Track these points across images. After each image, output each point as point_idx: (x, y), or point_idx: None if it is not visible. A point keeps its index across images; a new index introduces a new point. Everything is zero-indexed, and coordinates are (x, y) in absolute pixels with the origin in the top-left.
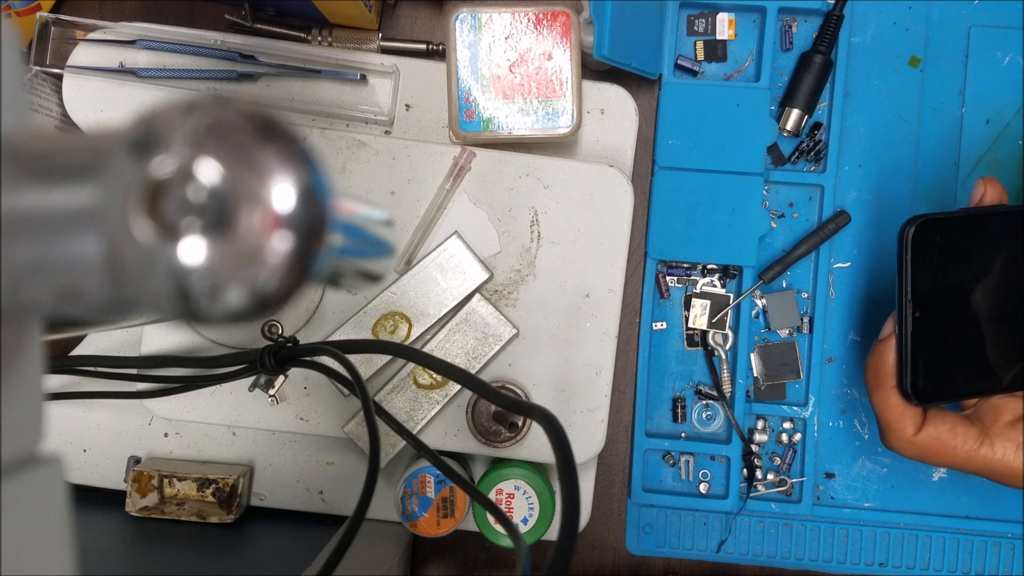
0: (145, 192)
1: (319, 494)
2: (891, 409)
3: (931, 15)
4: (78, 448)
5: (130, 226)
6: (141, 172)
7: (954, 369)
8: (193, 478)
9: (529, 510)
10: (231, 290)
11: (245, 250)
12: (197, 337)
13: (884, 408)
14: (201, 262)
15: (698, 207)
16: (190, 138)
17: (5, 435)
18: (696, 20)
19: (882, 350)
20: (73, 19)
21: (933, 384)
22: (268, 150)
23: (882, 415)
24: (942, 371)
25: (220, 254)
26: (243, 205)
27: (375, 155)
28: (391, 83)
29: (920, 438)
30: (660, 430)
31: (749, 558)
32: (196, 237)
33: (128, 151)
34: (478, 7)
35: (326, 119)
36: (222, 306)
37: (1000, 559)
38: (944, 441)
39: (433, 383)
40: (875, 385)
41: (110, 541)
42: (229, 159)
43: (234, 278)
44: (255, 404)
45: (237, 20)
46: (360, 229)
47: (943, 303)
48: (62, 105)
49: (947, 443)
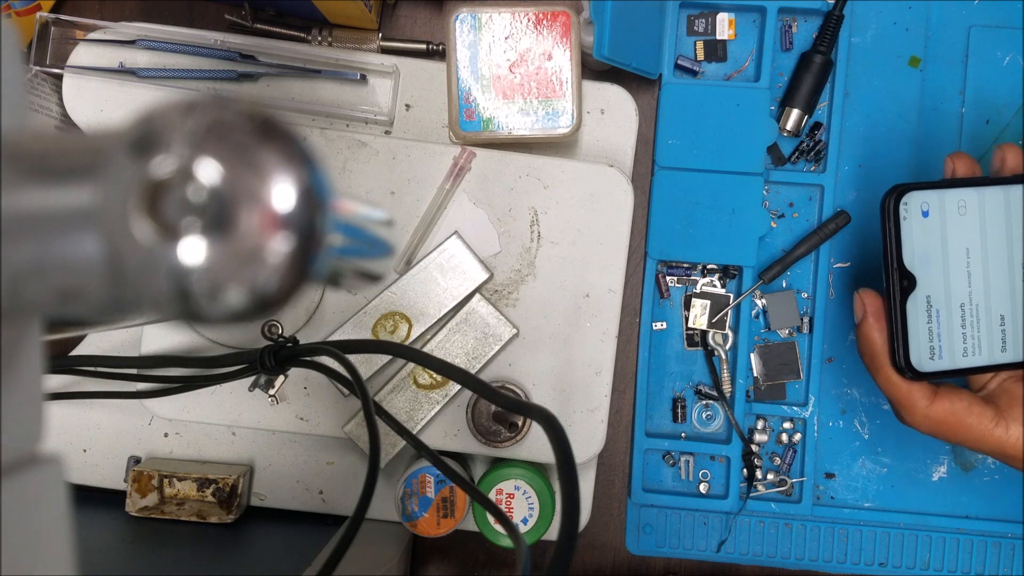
0: (145, 192)
1: (319, 494)
2: (896, 387)
3: (931, 15)
4: (78, 448)
5: (130, 226)
6: (141, 172)
7: (949, 341)
8: (193, 478)
9: (529, 510)
10: (231, 290)
11: (245, 250)
12: (197, 337)
13: (889, 387)
14: (201, 262)
15: (698, 207)
16: (190, 138)
17: (5, 435)
18: (696, 20)
19: (865, 332)
20: (73, 19)
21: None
22: (268, 150)
23: (890, 394)
24: (935, 344)
25: (220, 254)
26: (243, 205)
27: (375, 155)
28: (391, 83)
29: (935, 412)
30: (660, 430)
31: (749, 558)
32: (196, 237)
33: (128, 151)
34: (478, 7)
35: (326, 119)
36: (222, 306)
37: (1000, 559)
38: (960, 418)
39: (433, 383)
40: (874, 368)
41: (110, 541)
42: (229, 159)
43: (234, 278)
44: (255, 404)
45: (237, 20)
46: (360, 229)
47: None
48: (62, 105)
49: (963, 420)
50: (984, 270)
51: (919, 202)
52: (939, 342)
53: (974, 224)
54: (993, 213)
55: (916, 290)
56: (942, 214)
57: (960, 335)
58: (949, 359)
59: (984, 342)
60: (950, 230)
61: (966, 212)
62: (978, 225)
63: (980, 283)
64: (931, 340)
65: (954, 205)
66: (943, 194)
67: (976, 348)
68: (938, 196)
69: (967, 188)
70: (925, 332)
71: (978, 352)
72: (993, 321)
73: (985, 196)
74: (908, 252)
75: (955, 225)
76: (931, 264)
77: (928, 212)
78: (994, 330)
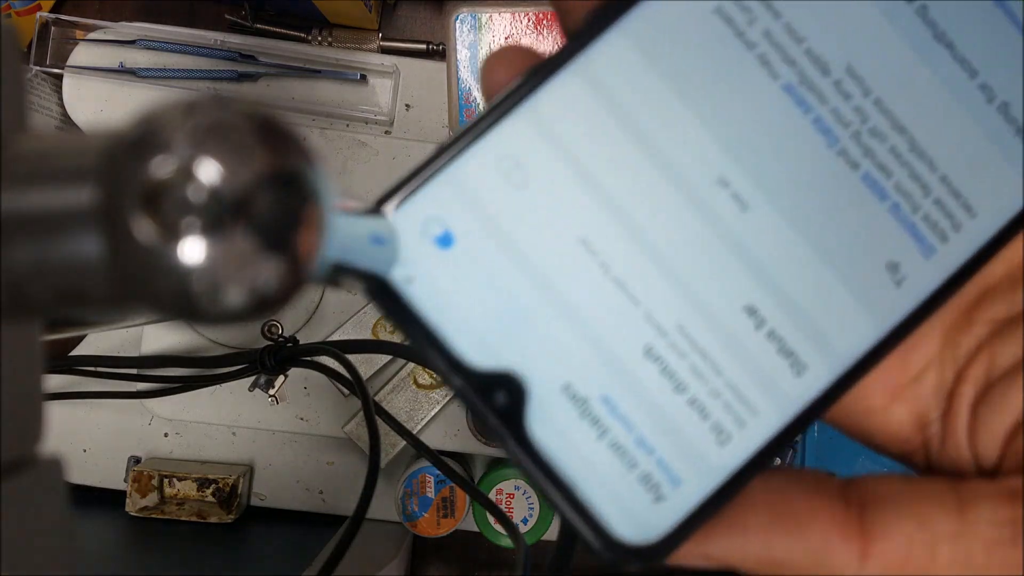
0: (145, 192)
1: (319, 494)
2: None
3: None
4: (78, 448)
5: (130, 226)
6: (141, 172)
7: (674, 442)
8: (193, 478)
9: (529, 510)
10: (231, 290)
11: (245, 250)
12: (197, 337)
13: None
14: (201, 262)
15: None
16: (190, 138)
17: (5, 435)
18: None
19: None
20: (73, 19)
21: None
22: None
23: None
24: (646, 468)
25: (220, 254)
26: (243, 205)
27: (375, 155)
28: (391, 83)
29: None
30: None
31: None
32: (196, 237)
33: (128, 151)
34: (478, 7)
35: (326, 119)
36: (222, 306)
37: None
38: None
39: (433, 383)
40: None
41: (110, 541)
42: (229, 159)
43: (234, 278)
44: (255, 404)
45: (237, 20)
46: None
47: None
48: (62, 105)
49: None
50: (642, 258)
51: (420, 220)
52: (649, 459)
53: (563, 183)
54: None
55: (529, 394)
56: (483, 215)
57: (686, 414)
58: (695, 480)
59: (738, 403)
60: (521, 231)
61: (526, 176)
62: (574, 177)
63: (651, 286)
64: (631, 467)
65: (497, 179)
66: (461, 175)
67: (736, 419)
68: (452, 187)
69: (507, 130)
70: (608, 462)
71: (742, 424)
72: (727, 340)
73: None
74: (460, 334)
75: (523, 214)
76: (522, 321)
77: (452, 236)
78: (748, 358)
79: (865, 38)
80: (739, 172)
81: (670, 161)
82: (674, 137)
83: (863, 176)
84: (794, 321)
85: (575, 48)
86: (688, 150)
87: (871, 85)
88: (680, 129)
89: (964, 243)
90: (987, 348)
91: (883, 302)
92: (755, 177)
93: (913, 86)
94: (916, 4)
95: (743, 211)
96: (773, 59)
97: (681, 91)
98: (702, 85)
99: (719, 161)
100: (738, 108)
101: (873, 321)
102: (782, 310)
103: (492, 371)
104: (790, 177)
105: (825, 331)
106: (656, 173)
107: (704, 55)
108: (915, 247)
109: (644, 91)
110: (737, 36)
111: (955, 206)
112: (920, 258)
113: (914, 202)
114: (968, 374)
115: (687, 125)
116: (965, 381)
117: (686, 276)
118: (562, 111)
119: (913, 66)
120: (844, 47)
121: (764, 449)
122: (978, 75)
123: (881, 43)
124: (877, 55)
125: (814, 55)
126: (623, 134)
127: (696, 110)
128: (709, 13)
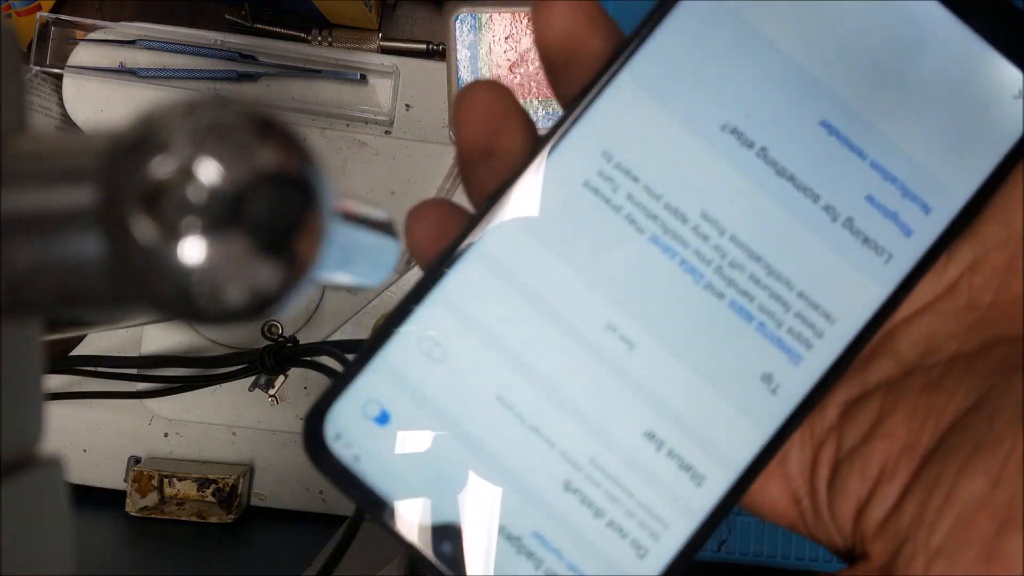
0: (145, 192)
1: (319, 494)
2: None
3: None
4: (78, 448)
5: (130, 226)
6: (141, 172)
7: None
8: (193, 478)
9: None
10: (231, 290)
11: (245, 250)
12: (197, 337)
13: None
14: (201, 262)
15: None
16: (190, 138)
17: (5, 435)
18: None
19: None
20: (73, 19)
21: None
22: (268, 150)
23: None
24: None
25: (220, 254)
26: (243, 205)
27: (375, 155)
28: (391, 83)
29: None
30: None
31: (750, 558)
32: (196, 237)
33: (128, 151)
34: (478, 7)
35: (326, 119)
36: (222, 306)
37: None
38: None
39: None
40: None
41: (110, 541)
42: (229, 159)
43: (234, 278)
44: (255, 404)
45: (237, 20)
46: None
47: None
48: (62, 105)
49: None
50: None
51: (360, 404)
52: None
53: (475, 351)
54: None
55: (470, 540)
56: (411, 391)
57: (606, 535)
58: None
59: (650, 519)
60: (445, 398)
61: (444, 351)
62: (483, 344)
63: (562, 427)
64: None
65: (420, 358)
66: (390, 360)
67: (650, 533)
68: (383, 372)
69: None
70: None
71: (656, 537)
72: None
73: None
74: (405, 496)
75: (445, 383)
76: (457, 477)
77: (387, 414)
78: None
79: (714, 185)
80: (623, 316)
81: (563, 318)
82: (564, 297)
83: (729, 303)
84: (688, 438)
85: (469, 230)
86: (577, 306)
87: (725, 224)
88: (568, 289)
89: (828, 347)
90: (836, 430)
91: (763, 410)
92: (637, 319)
93: (763, 218)
94: (756, 148)
95: (630, 350)
96: (638, 217)
97: (565, 256)
98: (581, 249)
99: (604, 310)
100: (614, 263)
101: (757, 428)
102: (676, 430)
103: (437, 524)
104: (667, 314)
105: (716, 443)
106: (553, 329)
107: (579, 223)
108: (784, 357)
109: (533, 262)
110: (605, 203)
111: (815, 316)
112: (790, 366)
113: (777, 318)
114: (822, 456)
115: (573, 285)
116: (820, 463)
117: (591, 414)
118: (467, 291)
119: (761, 202)
120: (697, 196)
121: (678, 557)
122: (820, 198)
123: (729, 187)
124: (727, 198)
125: (672, 207)
126: (521, 301)
127: (579, 271)
128: (579, 187)
